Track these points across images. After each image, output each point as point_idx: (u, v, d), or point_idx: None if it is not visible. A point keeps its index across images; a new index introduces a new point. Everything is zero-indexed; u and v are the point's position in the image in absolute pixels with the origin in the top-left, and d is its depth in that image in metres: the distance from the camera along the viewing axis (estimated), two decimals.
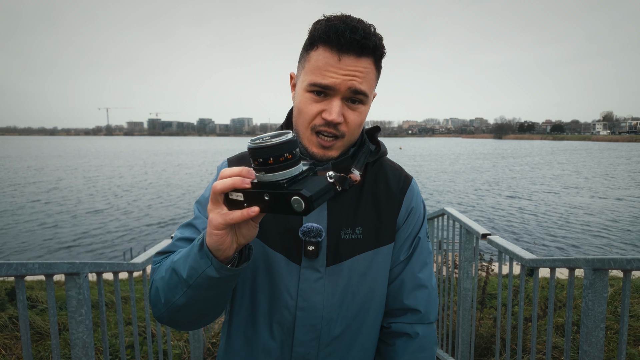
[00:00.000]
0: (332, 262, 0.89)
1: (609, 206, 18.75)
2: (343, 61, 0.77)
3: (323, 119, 0.81)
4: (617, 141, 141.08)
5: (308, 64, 0.81)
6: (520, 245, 11.98)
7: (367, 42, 0.76)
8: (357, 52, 0.77)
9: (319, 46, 0.79)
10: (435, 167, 41.34)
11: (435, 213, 3.18)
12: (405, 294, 0.94)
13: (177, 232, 0.95)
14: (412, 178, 1.00)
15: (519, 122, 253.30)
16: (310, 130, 0.83)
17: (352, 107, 0.82)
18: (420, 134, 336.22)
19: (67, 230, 15.08)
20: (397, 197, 0.94)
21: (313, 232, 0.86)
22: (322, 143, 0.83)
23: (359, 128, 0.86)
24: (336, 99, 0.79)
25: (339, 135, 0.83)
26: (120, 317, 1.86)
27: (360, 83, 0.79)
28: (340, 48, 0.76)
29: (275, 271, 0.88)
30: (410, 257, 0.95)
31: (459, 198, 21.70)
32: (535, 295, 1.76)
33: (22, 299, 1.19)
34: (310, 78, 0.80)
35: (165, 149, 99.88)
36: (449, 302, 2.97)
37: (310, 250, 0.86)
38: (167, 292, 0.77)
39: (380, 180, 0.95)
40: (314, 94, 0.81)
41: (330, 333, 0.89)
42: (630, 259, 1.21)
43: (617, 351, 1.31)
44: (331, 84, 0.78)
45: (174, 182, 29.75)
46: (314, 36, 0.79)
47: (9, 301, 3.80)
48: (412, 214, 0.96)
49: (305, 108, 0.82)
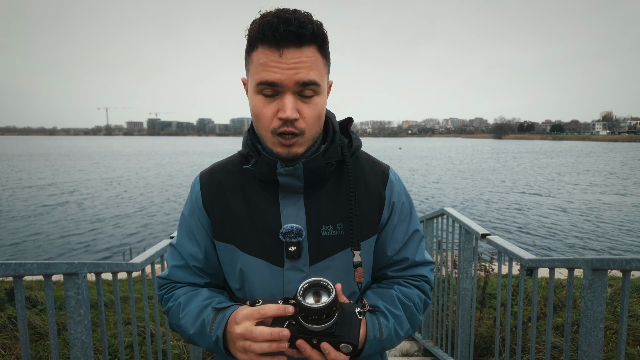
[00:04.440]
0: (315, 260, 0.88)
1: (614, 206, 18.75)
2: (284, 55, 0.75)
3: (279, 119, 0.79)
4: (616, 141, 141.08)
5: (252, 66, 0.79)
6: (524, 245, 12.01)
7: (303, 31, 0.74)
8: (296, 43, 0.75)
9: (257, 46, 0.77)
10: (451, 167, 41.28)
11: (434, 213, 3.18)
12: (412, 270, 0.97)
13: (169, 258, 0.99)
14: (389, 168, 0.98)
15: (518, 122, 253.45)
16: (271, 133, 0.81)
17: (305, 100, 0.79)
18: (420, 134, 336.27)
19: (67, 230, 15.07)
20: (377, 190, 0.93)
21: (293, 232, 0.86)
22: (284, 142, 0.81)
23: (319, 120, 0.84)
24: (287, 95, 0.77)
25: (298, 132, 0.81)
26: (119, 317, 1.86)
27: (307, 73, 0.76)
28: (278, 43, 0.74)
29: (258, 278, 0.88)
30: (406, 245, 0.96)
31: (468, 198, 21.71)
32: (534, 295, 1.76)
33: (20, 299, 1.19)
34: (256, 78, 0.78)
35: (172, 148, 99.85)
36: (449, 302, 2.97)
37: (292, 251, 0.86)
38: (175, 328, 0.92)
39: (358, 174, 0.94)
40: (264, 95, 0.79)
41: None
42: (629, 259, 1.21)
43: (617, 351, 1.31)
44: (277, 80, 0.76)
45: (176, 182, 29.73)
46: (251, 37, 0.78)
47: (8, 301, 3.79)
48: (397, 205, 0.95)
49: (260, 112, 0.80)
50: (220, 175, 0.95)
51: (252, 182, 0.92)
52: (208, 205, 0.93)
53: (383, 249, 0.95)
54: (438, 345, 3.10)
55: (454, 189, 25.32)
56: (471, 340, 2.56)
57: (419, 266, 0.97)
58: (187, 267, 0.95)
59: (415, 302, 0.93)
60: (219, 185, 0.93)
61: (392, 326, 0.86)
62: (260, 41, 0.76)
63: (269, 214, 0.89)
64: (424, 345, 3.25)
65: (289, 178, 0.86)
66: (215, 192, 0.93)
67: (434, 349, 3.09)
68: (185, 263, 0.95)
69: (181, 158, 60.41)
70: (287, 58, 0.75)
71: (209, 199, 0.93)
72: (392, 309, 0.88)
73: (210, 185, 0.94)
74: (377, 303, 0.88)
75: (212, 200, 0.93)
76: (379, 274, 0.98)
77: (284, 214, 0.88)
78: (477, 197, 22.19)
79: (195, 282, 0.96)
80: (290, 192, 0.89)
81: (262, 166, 0.87)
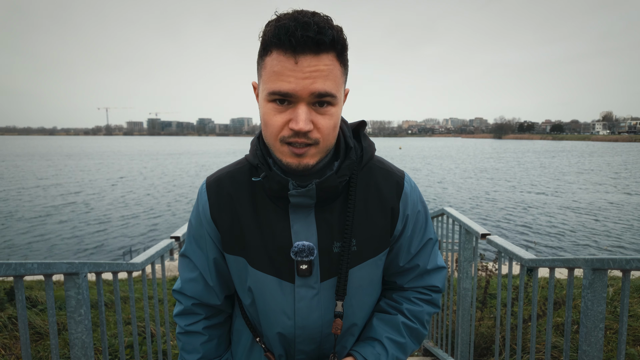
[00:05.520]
0: (326, 276, 0.86)
1: (614, 206, 18.73)
2: (300, 63, 0.69)
3: (290, 130, 0.74)
4: (616, 141, 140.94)
5: (265, 72, 0.74)
6: (526, 243, 12.00)
7: (322, 37, 0.68)
8: (314, 50, 0.69)
9: (272, 51, 0.71)
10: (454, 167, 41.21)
11: (434, 213, 3.18)
12: (425, 278, 0.97)
13: (181, 270, 0.98)
14: (404, 177, 0.94)
15: (518, 122, 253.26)
16: (280, 142, 0.76)
17: (320, 111, 0.74)
18: (419, 133, 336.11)
19: (66, 230, 15.06)
20: (391, 204, 0.89)
21: (305, 251, 0.83)
22: (295, 151, 0.76)
23: (334, 131, 0.78)
24: (301, 105, 0.72)
25: (312, 142, 0.76)
26: (120, 317, 1.86)
27: (324, 84, 0.71)
28: (294, 49, 0.69)
29: (268, 294, 0.87)
30: (419, 253, 0.96)
31: (468, 198, 21.68)
32: (534, 295, 1.76)
33: (21, 299, 1.19)
34: (268, 86, 0.73)
35: (173, 148, 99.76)
36: (449, 302, 2.97)
37: (303, 269, 0.84)
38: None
39: (371, 187, 0.89)
40: (276, 103, 0.74)
41: (330, 342, 0.91)
42: (629, 259, 1.20)
43: (617, 351, 1.31)
44: (291, 90, 0.71)
45: (180, 182, 29.71)
46: (265, 40, 0.72)
47: (8, 301, 3.79)
48: (412, 217, 0.93)
49: (270, 120, 0.75)
50: (228, 185, 0.91)
51: (261, 195, 0.88)
52: (217, 217, 0.90)
53: (396, 260, 0.94)
54: (438, 345, 3.10)
55: (458, 189, 25.34)
56: (471, 340, 2.56)
57: (430, 274, 0.96)
58: (200, 279, 0.95)
59: (423, 321, 0.95)
60: (227, 196, 0.90)
61: (392, 358, 0.90)
62: (275, 45, 0.71)
63: (278, 229, 0.86)
64: (424, 345, 3.25)
65: (301, 198, 0.82)
66: (224, 203, 0.90)
67: (434, 349, 3.09)
68: (198, 274, 0.94)
69: (184, 158, 60.39)
70: (302, 66, 0.69)
71: (217, 211, 0.90)
72: (396, 338, 0.91)
73: (218, 196, 0.91)
74: (381, 334, 0.91)
75: (220, 212, 0.90)
76: (390, 280, 0.98)
77: (295, 230, 0.85)
78: (482, 196, 22.19)
79: (210, 304, 0.96)
80: (301, 207, 0.86)
81: (272, 183, 0.82)
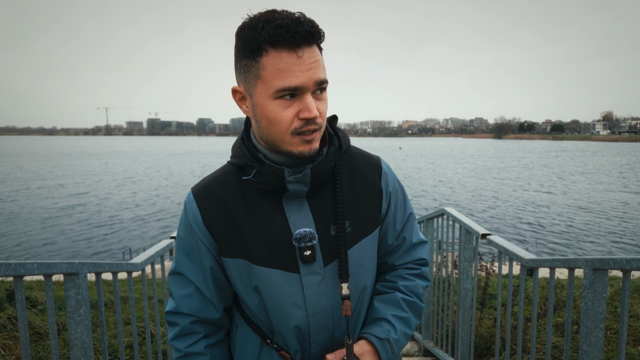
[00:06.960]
0: (328, 261, 0.89)
1: (614, 206, 18.74)
2: (303, 56, 0.76)
3: (301, 120, 0.79)
4: (617, 141, 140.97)
5: (264, 72, 0.76)
6: (534, 244, 12.00)
7: (315, 30, 0.76)
8: (309, 43, 0.76)
9: (269, 50, 0.75)
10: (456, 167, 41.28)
11: (434, 213, 3.17)
12: (411, 253, 1.03)
13: (173, 288, 0.95)
14: (380, 160, 1.02)
15: (518, 122, 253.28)
16: (291, 134, 0.81)
17: (319, 97, 0.81)
18: (420, 133, 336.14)
19: (66, 230, 15.07)
20: (375, 184, 0.97)
21: (307, 236, 0.86)
22: (306, 138, 0.82)
23: (326, 115, 0.87)
24: (307, 95, 0.78)
25: (318, 128, 0.82)
26: (120, 318, 1.86)
27: (322, 72, 0.79)
28: (298, 44, 0.74)
29: (276, 289, 0.87)
30: (404, 228, 1.02)
31: (473, 197, 21.69)
32: (535, 295, 1.76)
33: (20, 299, 1.19)
34: (275, 84, 0.76)
35: (174, 148, 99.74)
36: (449, 302, 2.97)
37: (307, 255, 0.86)
38: None
39: (354, 171, 0.96)
40: (285, 98, 0.78)
41: (342, 327, 0.93)
42: (629, 259, 1.20)
43: (617, 351, 1.31)
44: (300, 83, 0.76)
45: (187, 183, 29.72)
46: (258, 41, 0.75)
47: (8, 301, 3.79)
48: (393, 195, 1.01)
49: (280, 116, 0.79)
50: (218, 189, 0.91)
51: (253, 193, 0.90)
52: (210, 223, 0.90)
53: (385, 238, 1.00)
54: (438, 345, 3.09)
55: (460, 188, 25.33)
56: (471, 340, 2.56)
57: (416, 247, 1.04)
58: (196, 294, 0.93)
59: (419, 294, 1.00)
60: (219, 200, 0.90)
61: (401, 333, 0.94)
62: (273, 44, 0.74)
63: (276, 223, 0.88)
64: (424, 345, 3.25)
65: (298, 185, 0.86)
66: (216, 208, 0.90)
67: (434, 349, 3.09)
68: (193, 288, 0.93)
69: (187, 158, 60.37)
70: (305, 59, 0.76)
71: (210, 217, 0.90)
72: (400, 313, 0.95)
73: (209, 202, 0.91)
74: (385, 313, 0.94)
75: (213, 217, 0.90)
76: (381, 261, 1.02)
77: (292, 221, 0.88)
78: (486, 196, 22.18)
79: (209, 318, 0.95)
80: (293, 198, 0.89)
81: (266, 176, 0.85)
